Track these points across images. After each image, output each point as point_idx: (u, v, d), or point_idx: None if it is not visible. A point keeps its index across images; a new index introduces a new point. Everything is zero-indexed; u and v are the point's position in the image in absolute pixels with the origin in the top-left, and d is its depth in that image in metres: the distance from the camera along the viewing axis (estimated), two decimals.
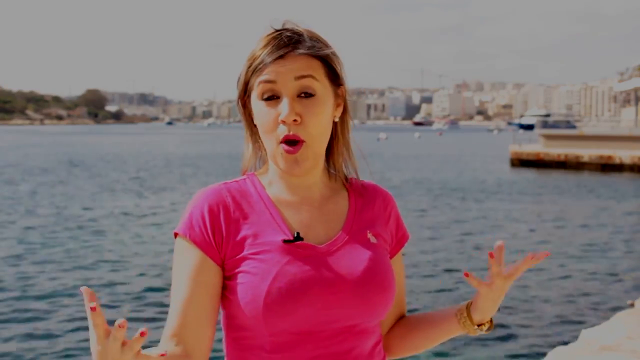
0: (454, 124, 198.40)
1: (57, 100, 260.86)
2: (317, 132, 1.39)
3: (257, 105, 1.41)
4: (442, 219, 18.06)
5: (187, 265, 1.39)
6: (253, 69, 1.41)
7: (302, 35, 1.41)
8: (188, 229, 1.40)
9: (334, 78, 1.44)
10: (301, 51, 1.40)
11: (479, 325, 1.49)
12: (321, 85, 1.40)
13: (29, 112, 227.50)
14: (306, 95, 1.39)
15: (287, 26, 1.42)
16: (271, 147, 1.41)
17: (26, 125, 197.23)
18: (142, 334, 1.11)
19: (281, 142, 1.38)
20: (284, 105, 1.37)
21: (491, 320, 1.50)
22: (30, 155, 48.37)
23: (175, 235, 1.42)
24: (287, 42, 1.39)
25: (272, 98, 1.39)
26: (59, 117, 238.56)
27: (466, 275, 1.41)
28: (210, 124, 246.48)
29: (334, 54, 1.45)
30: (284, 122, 1.37)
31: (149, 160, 43.61)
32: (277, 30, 1.41)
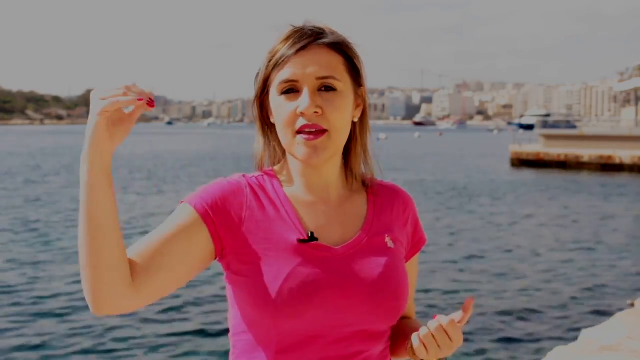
0: (461, 123, 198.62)
1: (57, 100, 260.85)
2: (339, 124, 1.36)
3: (276, 100, 1.37)
4: (442, 219, 18.04)
5: (177, 218, 1.34)
6: (274, 63, 1.37)
7: (324, 30, 1.39)
8: (194, 199, 1.35)
9: (356, 76, 1.41)
10: (324, 41, 1.37)
11: None
12: (342, 84, 1.37)
13: (29, 112, 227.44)
14: (327, 89, 1.35)
15: (308, 25, 1.40)
16: (288, 139, 1.36)
17: (26, 125, 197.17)
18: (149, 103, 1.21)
19: (299, 132, 1.34)
20: (304, 97, 1.33)
21: None
22: (31, 156, 48.34)
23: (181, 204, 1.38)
24: (310, 34, 1.37)
25: (292, 91, 1.35)
26: (59, 117, 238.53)
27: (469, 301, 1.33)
28: (210, 124, 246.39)
29: (355, 52, 1.42)
30: (303, 114, 1.33)
31: (151, 160, 43.58)
32: (298, 27, 1.39)
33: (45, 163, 39.95)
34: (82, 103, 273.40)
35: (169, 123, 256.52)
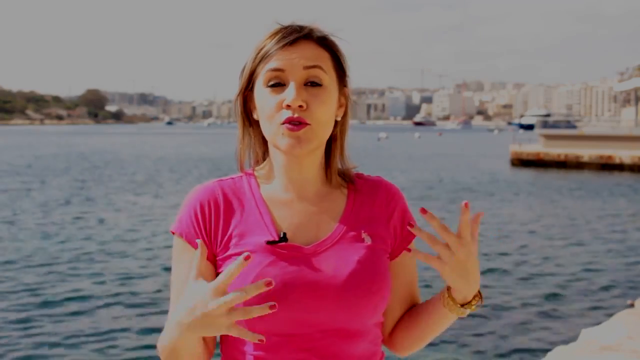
0: (466, 123, 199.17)
1: (57, 100, 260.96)
2: (323, 118, 1.36)
3: (262, 92, 1.38)
4: (442, 219, 17.96)
5: (184, 265, 1.39)
6: (261, 57, 1.38)
7: (312, 28, 1.40)
8: (182, 228, 1.41)
9: (341, 75, 1.42)
10: (312, 36, 1.39)
11: (463, 305, 1.37)
12: (329, 78, 1.38)
13: (29, 112, 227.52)
14: (313, 84, 1.36)
15: (296, 23, 1.41)
16: (272, 130, 1.37)
17: (26, 125, 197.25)
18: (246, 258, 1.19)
19: (283, 123, 1.35)
20: (290, 90, 1.34)
21: (479, 296, 1.38)
22: (31, 155, 48.34)
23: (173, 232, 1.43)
24: (298, 29, 1.38)
25: (278, 85, 1.36)
26: (59, 117, 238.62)
27: (423, 211, 1.32)
28: (210, 124, 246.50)
29: (342, 52, 1.43)
30: (288, 106, 1.34)
31: (153, 160, 43.60)
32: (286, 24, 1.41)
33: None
34: (82, 103, 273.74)
35: (169, 123, 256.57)
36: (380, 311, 1.40)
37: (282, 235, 1.36)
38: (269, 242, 1.35)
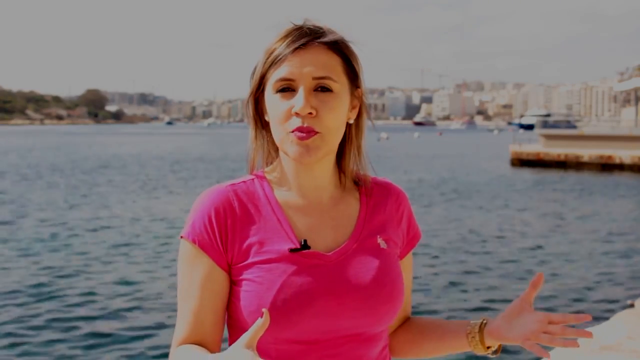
0: (470, 123, 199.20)
1: (57, 100, 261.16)
2: (333, 125, 1.34)
3: (272, 98, 1.36)
4: (442, 218, 18.04)
5: (197, 274, 1.35)
6: (272, 61, 1.35)
7: (323, 29, 1.38)
8: (196, 234, 1.35)
9: (353, 77, 1.40)
10: (322, 40, 1.35)
11: (488, 347, 1.49)
12: (339, 85, 1.36)
13: (29, 112, 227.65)
14: (323, 89, 1.34)
15: (308, 23, 1.38)
16: (281, 137, 1.35)
17: (26, 125, 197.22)
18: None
19: (292, 132, 1.33)
20: (299, 97, 1.32)
21: (500, 347, 1.51)
22: (34, 156, 48.31)
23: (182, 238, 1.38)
24: (308, 32, 1.36)
25: (287, 90, 1.34)
26: (59, 117, 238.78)
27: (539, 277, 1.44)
28: (210, 124, 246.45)
29: (354, 53, 1.41)
30: (297, 114, 1.32)
31: (153, 160, 43.57)
32: (297, 25, 1.38)
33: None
34: (82, 103, 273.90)
35: (169, 123, 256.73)
36: (396, 315, 1.42)
37: (303, 243, 1.35)
38: (292, 250, 1.34)
